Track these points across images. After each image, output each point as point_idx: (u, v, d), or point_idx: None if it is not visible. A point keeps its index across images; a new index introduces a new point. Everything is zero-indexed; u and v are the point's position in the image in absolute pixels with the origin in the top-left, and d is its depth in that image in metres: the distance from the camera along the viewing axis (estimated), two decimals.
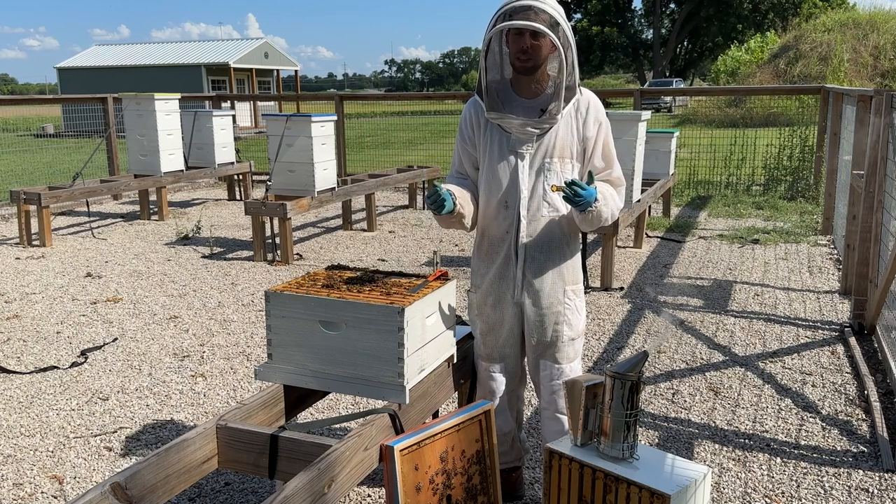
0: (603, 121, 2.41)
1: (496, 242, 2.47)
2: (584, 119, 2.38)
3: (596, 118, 2.39)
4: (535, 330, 2.48)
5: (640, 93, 10.15)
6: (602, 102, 2.46)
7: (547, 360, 2.51)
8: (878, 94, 4.51)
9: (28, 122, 26.69)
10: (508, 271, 2.46)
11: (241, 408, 2.22)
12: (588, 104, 2.39)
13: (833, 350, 4.17)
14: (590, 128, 2.38)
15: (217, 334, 4.53)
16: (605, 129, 2.42)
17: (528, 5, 2.22)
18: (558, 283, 2.45)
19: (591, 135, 2.39)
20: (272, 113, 10.90)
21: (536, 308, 2.45)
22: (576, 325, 2.49)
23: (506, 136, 2.40)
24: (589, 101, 2.40)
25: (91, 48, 34.30)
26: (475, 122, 2.45)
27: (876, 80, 21.91)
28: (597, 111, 2.40)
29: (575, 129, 2.38)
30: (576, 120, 2.38)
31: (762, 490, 2.76)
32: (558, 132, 2.37)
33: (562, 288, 2.46)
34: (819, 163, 8.87)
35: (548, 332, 2.47)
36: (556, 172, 2.38)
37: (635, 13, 52.61)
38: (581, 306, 2.51)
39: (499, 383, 2.60)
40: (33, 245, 7.12)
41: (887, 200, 4.26)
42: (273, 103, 26.51)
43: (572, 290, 2.48)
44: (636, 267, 6.05)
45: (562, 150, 2.37)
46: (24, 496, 2.77)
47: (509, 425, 2.66)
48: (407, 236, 7.50)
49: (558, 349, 2.49)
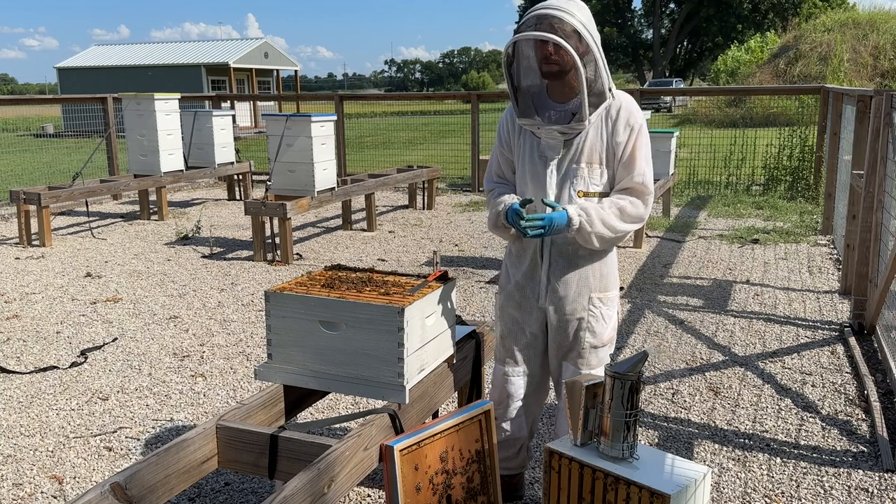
0: (635, 125, 2.34)
1: (525, 246, 2.47)
2: (613, 123, 2.33)
3: (627, 123, 2.33)
4: (557, 335, 2.46)
5: (640, 93, 10.16)
6: None
7: (569, 363, 2.48)
8: (878, 94, 4.51)
9: (28, 122, 26.72)
10: (535, 275, 2.45)
11: (241, 408, 2.22)
12: (619, 109, 2.34)
13: (833, 350, 4.17)
14: (619, 133, 2.33)
15: (217, 334, 4.53)
16: (636, 134, 2.34)
17: (550, 14, 2.22)
18: (583, 290, 2.42)
19: (622, 140, 2.33)
20: (272, 113, 10.90)
21: (559, 314, 2.44)
22: (600, 333, 2.45)
23: (537, 140, 2.40)
24: (621, 105, 2.34)
25: (91, 48, 34.31)
26: (511, 127, 2.47)
27: (876, 80, 21.92)
28: (629, 115, 2.33)
29: (604, 135, 2.34)
30: (605, 125, 2.34)
31: (762, 490, 2.76)
32: (587, 137, 2.34)
33: (587, 295, 2.43)
34: (819, 163, 8.88)
35: (569, 337, 2.45)
36: (583, 178, 2.35)
37: (635, 13, 52.64)
38: (609, 315, 2.47)
39: (516, 387, 2.57)
40: (33, 245, 7.12)
41: (887, 200, 4.26)
42: (273, 103, 26.52)
43: (599, 298, 2.44)
44: (636, 267, 6.05)
45: (589, 155, 2.34)
46: (23, 496, 2.77)
47: (523, 432, 2.63)
48: (407, 236, 7.50)
49: (580, 355, 2.46)
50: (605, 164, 2.36)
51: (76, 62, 32.12)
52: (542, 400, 2.69)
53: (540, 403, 2.68)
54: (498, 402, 2.61)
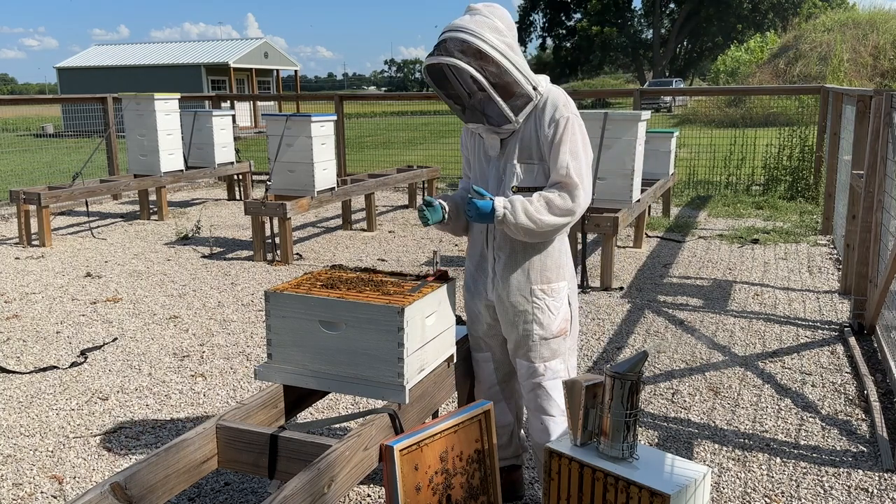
0: (560, 118, 2.35)
1: (476, 241, 2.58)
2: (540, 120, 2.39)
3: (552, 118, 2.36)
4: (506, 328, 2.53)
5: (639, 93, 10.15)
6: (602, 102, 2.47)
7: (521, 359, 2.54)
8: (878, 94, 4.51)
9: (28, 122, 26.71)
10: (484, 268, 2.54)
11: (241, 408, 2.22)
12: (545, 104, 2.38)
13: (833, 350, 4.17)
14: (545, 128, 2.37)
15: (217, 334, 4.53)
16: (562, 127, 2.35)
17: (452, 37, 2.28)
18: (524, 283, 2.47)
19: (548, 134, 2.37)
20: (272, 113, 10.90)
21: (503, 306, 2.50)
22: (548, 324, 2.48)
23: (482, 141, 2.50)
24: (547, 100, 2.38)
25: (90, 48, 34.29)
26: (466, 130, 2.58)
27: (876, 80, 21.92)
28: (554, 110, 2.36)
29: (535, 131, 2.40)
30: (536, 121, 2.40)
31: (762, 490, 2.76)
32: (521, 136, 2.42)
33: (528, 287, 2.47)
34: (819, 163, 8.87)
35: (518, 329, 2.50)
36: (517, 175, 2.43)
37: (635, 13, 52.61)
38: (555, 306, 2.49)
39: (487, 373, 2.66)
40: (33, 245, 7.12)
41: (887, 200, 4.26)
42: (273, 103, 26.51)
43: (541, 290, 2.47)
44: (636, 267, 6.05)
45: (521, 152, 2.42)
46: (23, 496, 2.77)
47: (507, 417, 2.69)
48: (407, 236, 7.50)
49: (530, 348, 2.50)
50: (536, 159, 2.42)
51: (76, 62, 32.11)
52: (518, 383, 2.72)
53: (516, 387, 2.72)
54: (477, 389, 2.72)
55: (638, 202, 6.11)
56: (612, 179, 5.78)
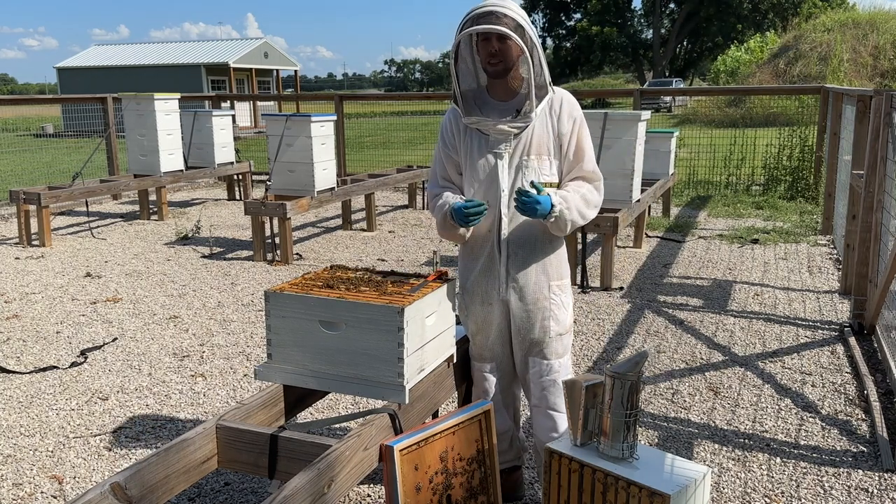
0: (577, 117, 2.47)
1: (480, 241, 2.52)
2: (558, 116, 2.44)
3: (570, 114, 2.45)
4: (522, 326, 2.51)
5: (639, 93, 10.15)
6: (602, 102, 2.49)
7: (536, 357, 2.53)
8: (878, 94, 4.51)
9: (28, 122, 26.70)
10: (493, 269, 2.50)
11: (241, 408, 2.22)
12: (562, 101, 2.45)
13: (833, 350, 4.17)
14: (564, 124, 2.44)
15: (217, 334, 4.53)
16: (578, 124, 2.46)
17: (491, 10, 2.29)
18: (542, 279, 2.48)
19: (566, 131, 2.44)
20: (272, 113, 10.90)
21: (522, 304, 2.49)
22: (563, 320, 2.52)
23: (484, 137, 2.46)
24: (562, 98, 2.46)
25: (90, 48, 34.29)
26: (455, 129, 2.52)
27: (876, 80, 21.92)
28: (570, 108, 2.46)
29: (550, 127, 2.44)
30: (550, 118, 2.44)
31: (762, 490, 2.76)
32: (534, 130, 2.42)
33: (546, 283, 2.49)
34: (819, 163, 8.87)
35: (535, 327, 2.50)
36: (533, 169, 2.43)
37: (635, 13, 52.58)
38: (567, 302, 2.54)
39: (491, 383, 2.63)
40: (33, 245, 7.12)
41: (887, 200, 4.26)
42: (273, 103, 26.50)
43: (557, 286, 2.51)
44: (636, 267, 6.05)
45: (538, 147, 2.43)
46: (23, 496, 2.77)
47: (506, 424, 2.68)
48: (407, 236, 7.50)
49: (546, 345, 2.51)
50: (552, 155, 2.45)
51: (76, 62, 32.10)
52: (518, 388, 2.74)
53: (515, 392, 2.73)
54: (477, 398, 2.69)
55: (638, 202, 6.11)
56: (612, 179, 5.77)
